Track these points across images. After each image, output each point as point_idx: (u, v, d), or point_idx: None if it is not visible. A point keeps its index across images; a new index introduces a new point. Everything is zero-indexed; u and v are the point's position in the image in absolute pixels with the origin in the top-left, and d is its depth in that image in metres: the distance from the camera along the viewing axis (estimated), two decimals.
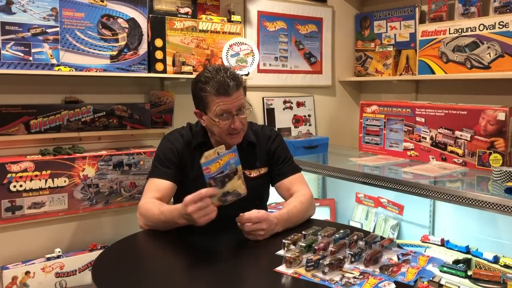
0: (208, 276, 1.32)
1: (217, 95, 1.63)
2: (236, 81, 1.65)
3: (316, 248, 1.35)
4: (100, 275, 1.28)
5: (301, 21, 3.11)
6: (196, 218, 1.40)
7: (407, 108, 2.57)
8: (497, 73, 2.47)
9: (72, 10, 2.10)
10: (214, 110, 1.65)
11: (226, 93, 1.63)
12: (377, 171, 2.28)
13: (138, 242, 1.59)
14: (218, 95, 1.63)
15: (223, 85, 1.62)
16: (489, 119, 2.20)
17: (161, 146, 1.79)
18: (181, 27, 2.41)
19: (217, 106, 1.64)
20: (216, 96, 1.64)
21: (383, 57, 3.15)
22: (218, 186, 1.41)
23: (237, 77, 1.67)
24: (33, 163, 2.05)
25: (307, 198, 1.73)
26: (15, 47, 1.97)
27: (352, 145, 3.10)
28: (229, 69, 1.69)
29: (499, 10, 2.50)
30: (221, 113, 1.65)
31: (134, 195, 2.33)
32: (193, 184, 1.75)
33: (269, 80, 3.00)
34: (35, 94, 2.18)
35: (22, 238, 2.12)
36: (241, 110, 1.68)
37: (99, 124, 2.26)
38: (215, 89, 1.63)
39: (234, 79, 1.64)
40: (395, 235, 2.49)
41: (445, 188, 1.91)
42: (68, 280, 2.12)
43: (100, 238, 2.30)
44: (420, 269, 1.27)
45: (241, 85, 1.68)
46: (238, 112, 1.67)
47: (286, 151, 1.89)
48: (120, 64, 2.24)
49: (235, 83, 1.64)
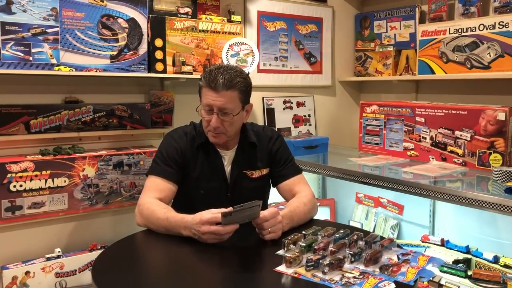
0: (208, 276, 1.32)
1: (206, 87, 1.66)
2: (227, 81, 1.64)
3: (316, 248, 1.35)
4: (100, 275, 1.28)
5: (301, 21, 3.11)
6: (205, 238, 1.42)
7: (407, 108, 2.57)
8: (497, 73, 2.47)
9: (72, 10, 2.10)
10: (203, 101, 1.70)
11: (213, 88, 1.64)
12: (377, 171, 2.28)
13: (138, 242, 1.59)
14: (207, 87, 1.66)
15: (214, 79, 1.64)
16: (489, 119, 2.20)
17: (164, 144, 1.78)
18: (181, 27, 2.41)
19: (205, 98, 1.68)
20: (206, 88, 1.67)
21: (383, 57, 3.15)
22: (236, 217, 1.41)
23: (233, 79, 1.65)
24: (33, 163, 2.05)
25: (309, 199, 1.74)
26: (15, 47, 1.97)
27: (352, 145, 3.10)
28: (232, 69, 1.69)
29: (499, 10, 2.50)
30: (205, 106, 1.68)
31: (134, 195, 2.33)
32: (196, 183, 1.76)
33: (269, 80, 3.00)
34: (35, 94, 2.17)
35: (22, 238, 2.12)
36: (224, 112, 1.66)
37: (99, 124, 2.26)
38: (206, 82, 1.66)
39: (227, 79, 1.64)
40: (395, 235, 2.49)
41: (445, 188, 1.91)
42: (68, 280, 2.12)
43: (100, 238, 2.30)
44: (420, 269, 1.27)
45: (233, 88, 1.65)
46: (219, 111, 1.66)
47: (287, 152, 1.89)
48: (120, 64, 2.24)
49: (224, 82, 1.63)
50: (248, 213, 1.42)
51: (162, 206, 1.60)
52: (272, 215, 1.48)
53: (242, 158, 1.80)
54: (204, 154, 1.77)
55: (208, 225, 1.40)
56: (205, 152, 1.77)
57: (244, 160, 1.81)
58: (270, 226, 1.47)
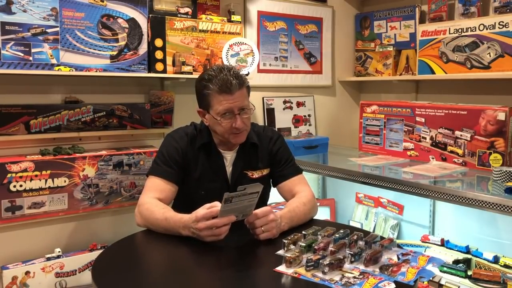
0: (208, 275, 1.32)
1: (220, 93, 1.63)
2: (239, 80, 1.64)
3: (316, 248, 1.35)
4: (100, 275, 1.28)
5: (301, 21, 3.11)
6: (203, 235, 1.41)
7: (407, 108, 2.57)
8: (497, 73, 2.47)
9: (72, 10, 2.10)
10: (217, 108, 1.65)
11: (229, 91, 1.62)
12: (377, 171, 2.28)
13: (138, 242, 1.59)
14: (220, 93, 1.63)
15: (226, 83, 1.61)
16: (489, 119, 2.20)
17: (165, 144, 1.77)
18: (181, 27, 2.41)
19: (220, 105, 1.64)
20: (218, 94, 1.63)
21: (383, 57, 3.15)
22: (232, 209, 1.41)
23: (240, 76, 1.67)
24: (33, 163, 2.05)
25: (309, 199, 1.73)
26: (15, 47, 1.97)
27: (352, 145, 3.10)
28: (232, 68, 1.69)
29: (499, 10, 2.50)
30: (223, 112, 1.64)
31: (134, 195, 2.33)
32: (197, 183, 1.75)
33: (269, 80, 3.00)
34: (35, 94, 2.17)
35: (22, 238, 2.12)
36: (244, 110, 1.67)
37: (99, 124, 2.26)
38: (217, 87, 1.62)
39: (237, 78, 1.64)
40: (395, 235, 2.49)
41: (445, 188, 1.91)
42: (68, 280, 2.12)
43: (100, 238, 2.30)
44: (420, 269, 1.27)
45: (244, 85, 1.68)
46: (240, 111, 1.66)
47: (288, 152, 1.89)
48: (120, 64, 2.24)
49: (237, 82, 1.63)
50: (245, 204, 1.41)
51: (161, 206, 1.60)
52: (263, 213, 1.47)
53: (243, 158, 1.80)
54: (205, 155, 1.77)
55: (204, 220, 1.40)
56: (206, 153, 1.77)
57: (245, 161, 1.81)
58: (262, 224, 1.46)
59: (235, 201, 1.38)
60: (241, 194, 1.37)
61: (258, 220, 1.46)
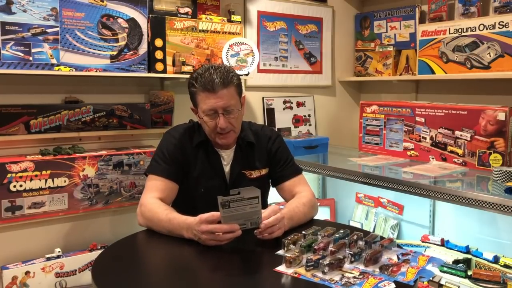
0: (208, 275, 1.32)
1: (203, 91, 1.63)
2: (223, 79, 1.62)
3: (316, 248, 1.35)
4: (100, 275, 1.28)
5: (301, 21, 3.11)
6: (204, 239, 1.41)
7: (407, 108, 2.57)
8: (497, 73, 2.47)
9: (72, 10, 2.10)
10: (202, 107, 1.65)
11: (212, 90, 1.61)
12: (377, 171, 2.28)
13: (138, 242, 1.59)
14: (204, 91, 1.63)
15: (209, 82, 1.61)
16: (489, 119, 2.20)
17: (164, 142, 1.76)
18: (181, 27, 2.41)
19: (204, 103, 1.64)
20: (202, 92, 1.63)
21: (383, 57, 3.15)
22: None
23: (227, 76, 1.64)
24: (33, 163, 2.05)
25: (309, 199, 1.73)
26: (15, 47, 1.97)
27: (352, 145, 3.10)
28: (220, 67, 1.67)
29: (499, 10, 2.50)
30: (207, 111, 1.64)
31: (134, 195, 2.33)
32: (196, 181, 1.75)
33: (269, 80, 3.00)
34: (35, 94, 2.17)
35: (22, 238, 2.12)
36: (228, 110, 1.65)
37: (99, 124, 2.26)
38: (201, 86, 1.62)
39: (222, 77, 1.62)
40: (395, 235, 2.49)
41: (445, 188, 1.91)
42: (68, 280, 2.12)
43: (100, 238, 2.30)
44: (420, 269, 1.27)
45: (230, 84, 1.64)
46: (224, 111, 1.64)
47: (287, 152, 1.88)
48: (120, 64, 2.24)
49: (221, 81, 1.61)
50: (249, 211, 1.39)
51: (164, 207, 1.60)
52: (277, 220, 1.45)
53: (240, 158, 1.79)
54: (203, 152, 1.76)
55: (206, 223, 1.40)
56: (204, 151, 1.77)
57: (243, 160, 1.80)
58: (276, 230, 1.46)
59: (234, 206, 1.37)
60: (237, 198, 1.36)
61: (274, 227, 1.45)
